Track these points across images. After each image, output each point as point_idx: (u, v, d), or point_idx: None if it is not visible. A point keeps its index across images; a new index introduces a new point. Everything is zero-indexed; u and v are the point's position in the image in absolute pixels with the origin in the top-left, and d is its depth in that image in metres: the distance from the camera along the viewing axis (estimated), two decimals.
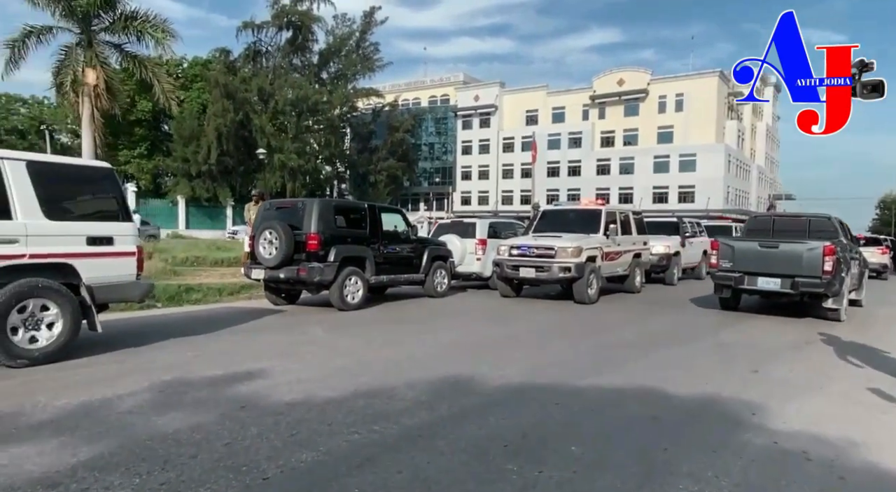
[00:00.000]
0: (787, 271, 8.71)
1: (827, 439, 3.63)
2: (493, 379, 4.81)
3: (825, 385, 5.02)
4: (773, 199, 66.70)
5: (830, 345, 7.03)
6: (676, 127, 60.44)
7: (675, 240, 14.47)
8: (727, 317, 9.16)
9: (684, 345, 6.70)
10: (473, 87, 74.20)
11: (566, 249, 9.97)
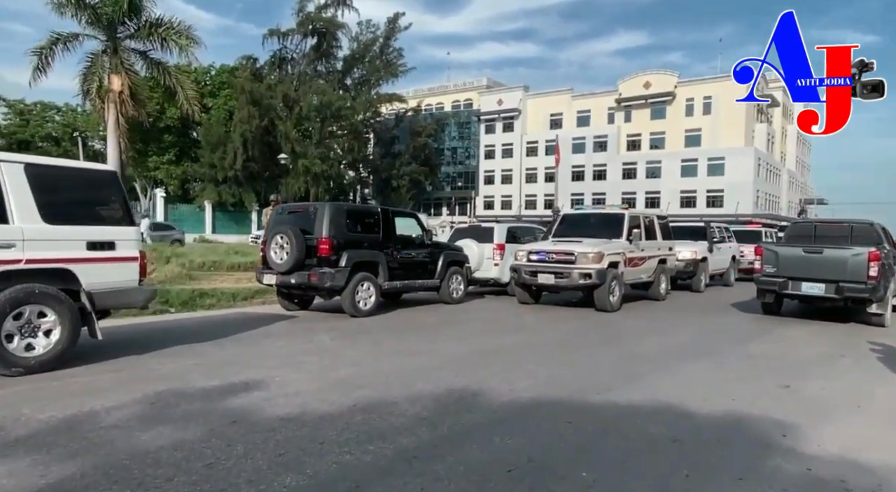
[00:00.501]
0: (832, 276, 8.80)
1: (868, 466, 3.27)
2: (503, 393, 4.54)
3: (864, 403, 4.61)
4: (804, 203, 64.70)
5: (868, 357, 6.58)
6: (704, 130, 59.19)
7: (703, 245, 13.95)
8: (757, 326, 8.72)
9: (710, 357, 6.31)
10: (497, 92, 73.96)
11: (587, 254, 9.62)
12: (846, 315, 9.75)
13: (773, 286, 9.37)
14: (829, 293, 8.84)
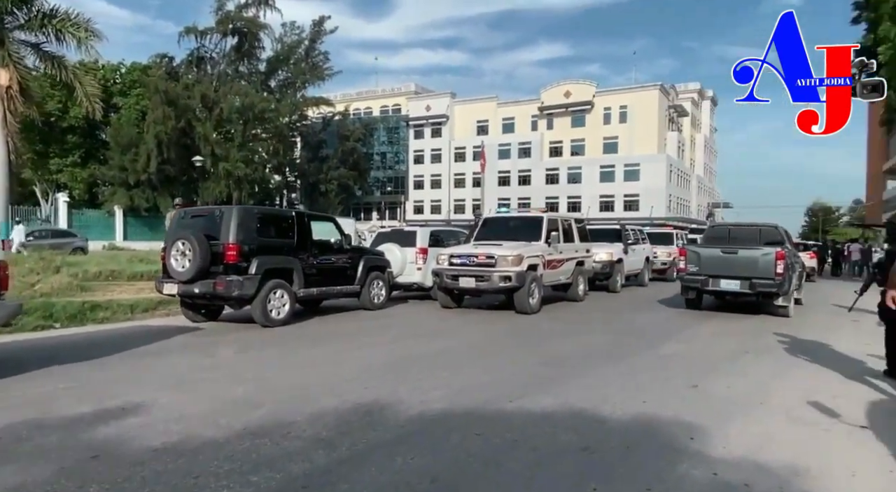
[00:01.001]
0: (746, 274, 9.78)
1: (770, 466, 3.27)
2: (413, 406, 4.28)
3: (766, 400, 4.72)
4: (711, 207, 69.17)
5: (770, 353, 6.85)
6: (621, 138, 62.00)
7: (618, 247, 14.35)
8: (670, 325, 8.96)
9: (624, 358, 6.34)
10: (425, 98, 74.20)
11: (506, 257, 9.57)
12: (757, 308, 10.62)
13: (697, 284, 10.25)
14: (744, 289, 9.83)
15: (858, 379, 5.60)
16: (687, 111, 69.66)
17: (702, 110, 79.01)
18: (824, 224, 79.03)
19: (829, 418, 4.21)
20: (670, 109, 64.89)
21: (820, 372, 5.87)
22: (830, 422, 4.13)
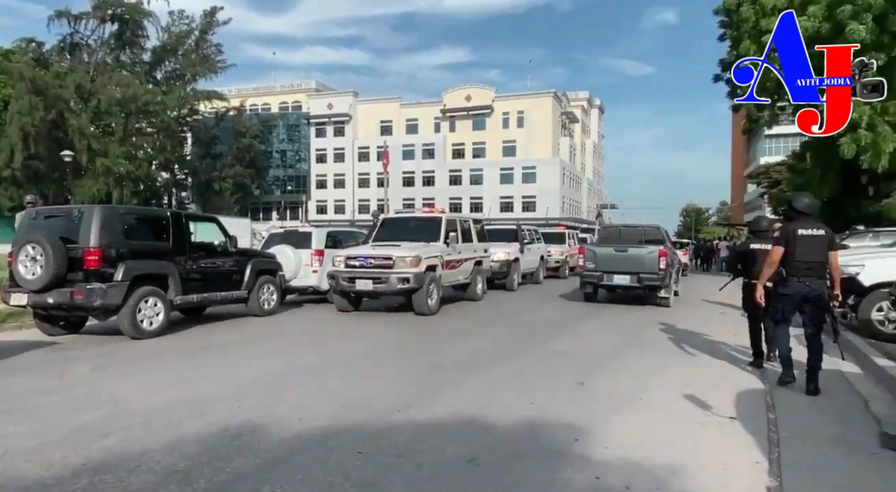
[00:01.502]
0: (634, 270, 10.97)
1: (649, 465, 3.29)
2: (290, 424, 3.92)
3: (646, 395, 4.85)
4: (600, 208, 73.54)
5: (651, 346, 7.16)
6: (519, 142, 64.25)
7: (515, 247, 14.63)
8: (561, 321, 9.15)
9: (517, 357, 6.34)
10: (327, 95, 72.50)
11: (405, 258, 9.36)
12: (643, 300, 11.81)
13: (594, 279, 11.43)
14: (633, 283, 11.03)
15: (727, 370, 5.97)
16: (578, 118, 73.53)
17: (591, 118, 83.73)
18: (696, 223, 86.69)
19: (702, 411, 4.38)
20: (563, 116, 68.16)
21: (694, 364, 6.19)
22: (704, 415, 4.30)
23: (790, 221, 5.27)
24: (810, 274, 5.02)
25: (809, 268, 5.02)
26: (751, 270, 5.93)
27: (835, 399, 4.92)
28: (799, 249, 5.03)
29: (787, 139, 47.55)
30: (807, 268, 5.01)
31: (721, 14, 20.02)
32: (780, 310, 5.25)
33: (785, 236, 5.14)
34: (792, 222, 5.21)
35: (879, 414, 4.45)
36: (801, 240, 5.03)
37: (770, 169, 41.45)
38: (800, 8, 16.10)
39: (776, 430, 3.99)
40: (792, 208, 5.31)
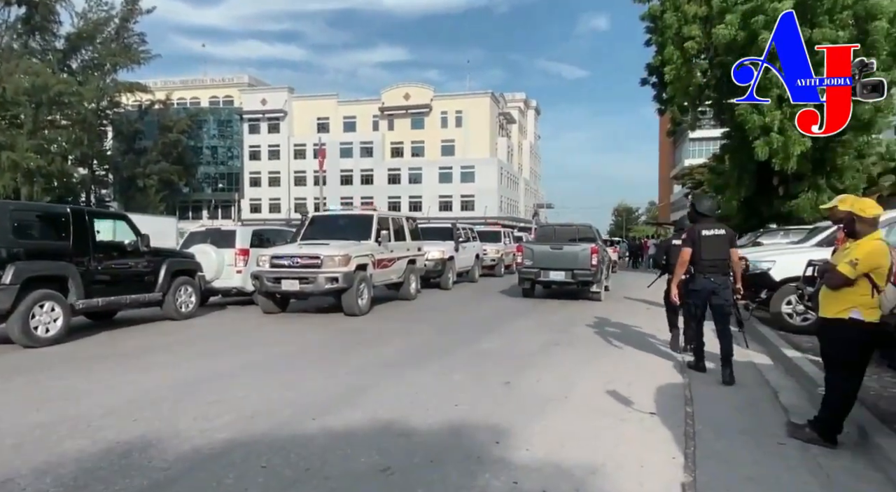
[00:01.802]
0: (569, 266, 11.54)
1: (569, 467, 3.21)
2: (191, 438, 3.60)
3: (570, 392, 4.82)
4: (536, 207, 75.18)
5: (578, 342, 7.20)
6: (457, 141, 64.61)
7: (450, 245, 14.56)
8: (493, 319, 9.10)
9: (444, 357, 6.20)
10: (260, 91, 70.26)
11: (333, 257, 9.03)
12: (576, 295, 12.53)
13: (531, 275, 11.96)
14: (568, 279, 11.61)
15: (651, 364, 6.07)
16: (515, 119, 74.79)
17: (528, 119, 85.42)
18: (627, 222, 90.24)
19: (624, 408, 4.38)
20: (500, 116, 69.15)
21: (619, 360, 6.26)
22: (625, 411, 4.29)
23: (694, 222, 5.65)
24: (715, 271, 5.37)
25: (714, 265, 5.37)
26: (674, 266, 6.11)
27: (748, 390, 5.07)
28: (704, 249, 5.36)
29: (710, 142, 50.20)
30: (712, 265, 5.37)
31: (647, 20, 20.77)
32: (692, 305, 5.57)
33: (691, 237, 5.46)
34: (696, 224, 5.56)
35: (787, 404, 4.61)
36: (705, 240, 5.38)
37: (693, 170, 43.59)
38: (718, 16, 16.96)
39: (693, 423, 4.04)
40: (695, 211, 5.69)
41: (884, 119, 16.14)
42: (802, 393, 4.91)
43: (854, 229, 3.63)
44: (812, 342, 6.98)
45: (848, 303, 3.54)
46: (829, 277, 3.64)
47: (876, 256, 3.49)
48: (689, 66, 18.66)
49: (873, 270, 3.49)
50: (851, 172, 17.25)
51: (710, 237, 5.39)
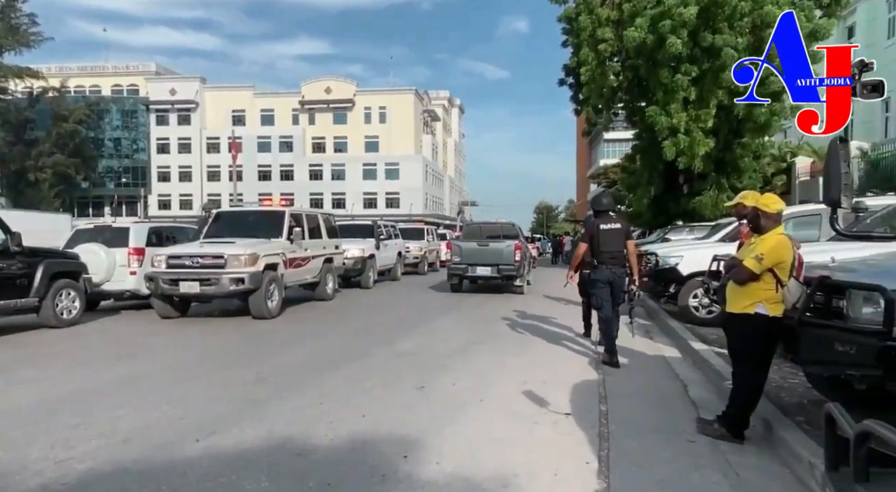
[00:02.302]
0: (495, 262, 12.28)
1: (480, 481, 2.98)
2: (42, 471, 3.04)
3: (486, 395, 4.63)
4: (461, 205, 75.84)
5: (496, 340, 7.08)
6: (381, 137, 63.89)
7: (370, 243, 14.15)
8: (413, 318, 8.81)
9: (357, 361, 5.85)
10: (169, 80, 66.18)
11: (239, 256, 8.40)
12: (501, 289, 13.18)
13: (460, 270, 12.60)
14: (494, 273, 12.33)
15: (566, 359, 6.03)
16: (439, 116, 74.99)
17: (452, 117, 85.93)
18: (547, 220, 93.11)
19: (539, 409, 4.24)
20: (425, 114, 69.06)
21: (536, 357, 6.17)
22: (540, 413, 4.15)
23: (595, 217, 6.06)
24: (614, 262, 5.82)
25: (613, 256, 5.81)
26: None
27: (659, 385, 5.10)
28: (603, 241, 5.79)
29: (623, 144, 52.55)
30: (611, 257, 5.81)
31: (563, 22, 21.21)
32: (596, 295, 5.92)
33: (590, 232, 5.93)
34: (595, 219, 6.00)
35: (696, 398, 4.65)
36: (603, 233, 5.82)
37: (608, 170, 45.46)
38: (629, 20, 17.56)
39: (607, 423, 3.94)
40: (594, 207, 6.16)
41: (777, 122, 17.32)
42: (710, 387, 4.99)
43: (759, 225, 3.65)
44: (717, 334, 7.22)
45: (754, 298, 3.55)
46: (735, 272, 3.64)
47: (780, 250, 3.52)
48: (604, 68, 19.23)
49: (777, 264, 3.51)
50: (749, 172, 18.41)
51: (607, 231, 5.80)
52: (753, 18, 15.90)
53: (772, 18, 15.69)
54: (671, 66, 17.14)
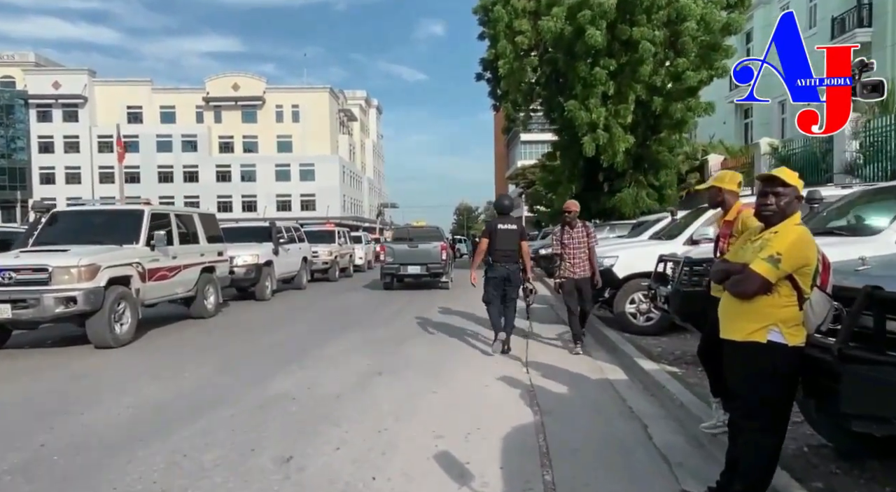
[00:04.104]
0: (424, 261, 13.72)
1: None
2: None
3: (381, 470, 3.19)
4: (381, 207, 73.92)
5: (409, 364, 5.66)
6: (295, 137, 60.92)
7: (267, 247, 12.29)
8: (306, 340, 7.18)
9: (203, 416, 4.19)
10: (52, 72, 59.88)
11: (69, 269, 6.43)
12: (430, 285, 14.42)
13: (393, 270, 13.87)
14: (423, 271, 13.76)
15: (495, 391, 4.73)
16: (356, 116, 72.69)
17: (370, 117, 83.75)
18: (468, 221, 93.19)
19: (456, 482, 2.87)
20: (341, 113, 66.61)
21: (455, 391, 4.83)
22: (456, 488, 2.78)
23: (496, 217, 6.52)
24: (507, 259, 6.22)
25: (506, 255, 6.22)
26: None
27: (612, 425, 3.91)
28: (498, 240, 6.20)
29: (541, 145, 53.18)
30: (504, 255, 6.21)
31: (479, 13, 20.22)
32: (488, 291, 6.32)
33: (489, 230, 6.37)
34: (494, 219, 6.46)
35: (664, 447, 3.47)
36: (499, 233, 6.23)
37: (526, 170, 45.41)
38: (546, 9, 16.79)
39: None
40: (496, 208, 6.71)
41: (692, 119, 17.16)
42: (674, 426, 3.85)
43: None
44: (662, 347, 6.25)
45: (766, 319, 2.37)
46: (739, 281, 2.44)
47: (803, 248, 2.36)
48: (521, 61, 18.39)
49: (800, 268, 2.35)
50: (666, 170, 18.18)
51: (503, 231, 6.23)
52: (669, 12, 15.56)
53: (687, 12, 15.44)
54: (589, 59, 16.54)
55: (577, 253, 6.30)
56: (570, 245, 6.32)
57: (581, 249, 6.32)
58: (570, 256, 6.31)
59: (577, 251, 6.32)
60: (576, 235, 6.34)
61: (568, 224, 6.39)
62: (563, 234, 6.42)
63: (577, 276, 6.32)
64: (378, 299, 12.23)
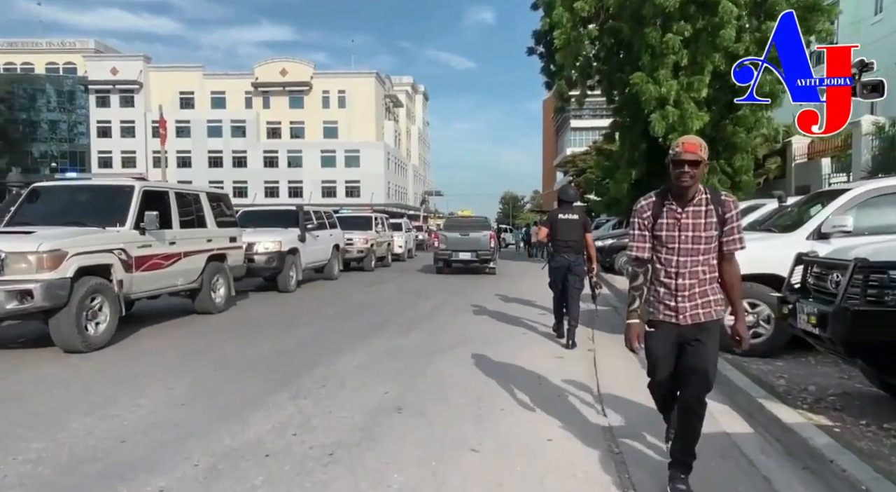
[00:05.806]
0: (474, 248, 14.88)
1: None
2: None
3: None
4: (425, 195, 72.63)
5: (436, 396, 4.17)
6: (340, 123, 60.24)
7: (293, 233, 11.02)
8: (319, 346, 5.80)
9: (150, 472, 2.87)
10: (110, 58, 61.28)
11: (26, 255, 5.24)
12: (478, 271, 15.40)
13: (446, 256, 14.99)
14: (473, 258, 14.91)
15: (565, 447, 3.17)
16: (402, 102, 71.39)
17: (416, 104, 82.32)
18: (513, 210, 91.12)
19: None
20: (387, 99, 65.46)
21: (507, 448, 3.30)
22: None
23: (559, 206, 6.40)
24: (569, 250, 6.06)
25: (568, 245, 6.06)
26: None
27: None
28: (559, 230, 6.08)
29: (590, 132, 50.75)
30: (566, 245, 6.07)
31: None
32: (553, 280, 6.27)
33: (550, 219, 6.28)
34: (556, 209, 6.41)
35: None
36: (560, 222, 6.10)
37: (576, 158, 43.26)
38: None
39: None
40: (559, 198, 6.55)
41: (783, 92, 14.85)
42: None
43: None
44: (785, 376, 4.54)
45: None
46: None
47: None
48: (580, 31, 16.45)
49: None
50: (742, 153, 15.93)
51: (564, 221, 6.09)
52: None
53: None
54: (660, 23, 14.49)
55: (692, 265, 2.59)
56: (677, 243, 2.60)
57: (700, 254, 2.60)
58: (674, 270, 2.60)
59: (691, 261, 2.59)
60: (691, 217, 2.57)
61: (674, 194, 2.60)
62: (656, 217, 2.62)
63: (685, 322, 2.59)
64: (415, 293, 10.82)
